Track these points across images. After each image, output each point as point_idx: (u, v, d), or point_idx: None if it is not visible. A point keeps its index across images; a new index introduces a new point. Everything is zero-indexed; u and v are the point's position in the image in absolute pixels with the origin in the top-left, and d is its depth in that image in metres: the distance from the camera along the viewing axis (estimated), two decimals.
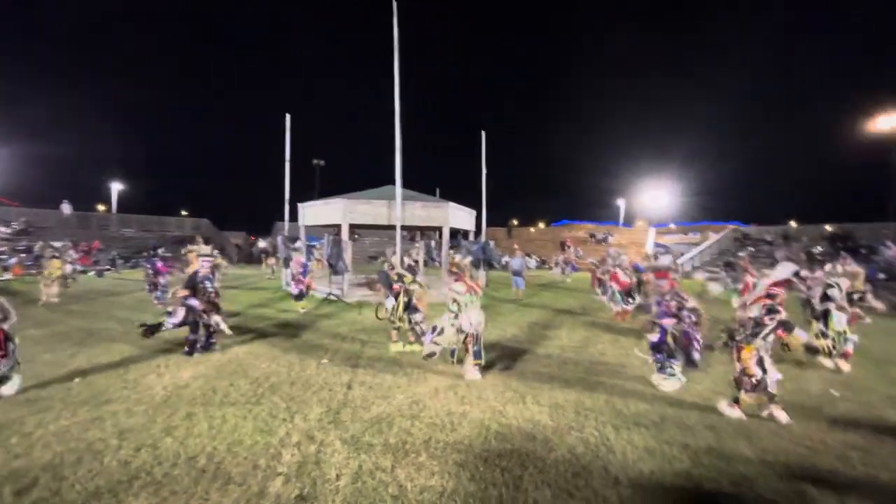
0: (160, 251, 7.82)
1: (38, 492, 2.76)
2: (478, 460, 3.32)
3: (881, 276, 13.54)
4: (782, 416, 4.21)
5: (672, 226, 35.73)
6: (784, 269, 4.53)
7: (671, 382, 5.05)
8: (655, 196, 40.10)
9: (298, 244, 10.66)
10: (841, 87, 50.78)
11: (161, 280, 10.36)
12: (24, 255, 18.44)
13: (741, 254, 14.72)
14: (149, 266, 10.76)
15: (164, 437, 3.55)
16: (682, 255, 25.69)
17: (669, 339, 5.11)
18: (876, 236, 20.06)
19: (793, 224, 27.42)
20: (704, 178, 45.05)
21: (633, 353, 6.00)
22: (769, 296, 4.40)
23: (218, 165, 72.14)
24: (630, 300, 9.50)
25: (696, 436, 3.82)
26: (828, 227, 22.83)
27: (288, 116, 14.99)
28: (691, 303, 5.20)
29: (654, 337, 5.22)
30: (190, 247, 8.96)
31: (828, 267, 7.42)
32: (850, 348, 6.04)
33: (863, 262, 15.82)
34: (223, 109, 75.25)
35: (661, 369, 5.13)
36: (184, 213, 38.26)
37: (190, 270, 6.91)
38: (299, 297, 10.03)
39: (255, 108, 70.66)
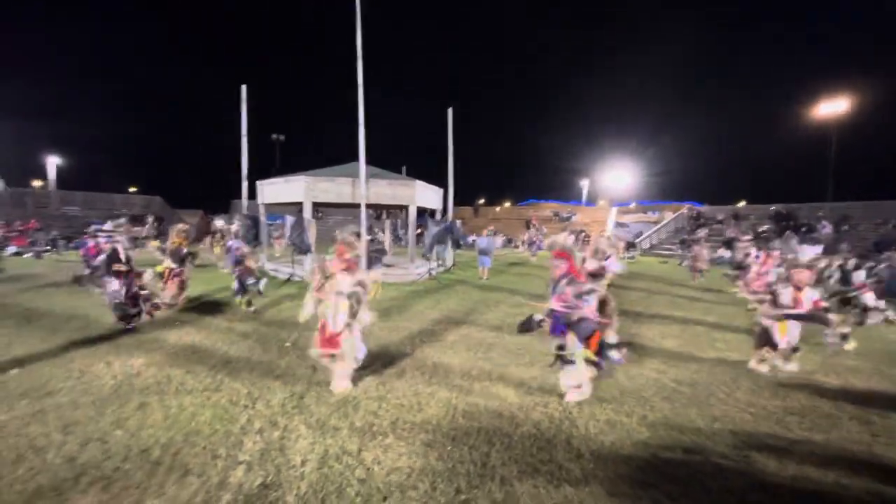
0: (149, 220, 7.44)
1: None
2: (445, 439, 3.34)
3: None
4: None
5: (633, 205, 36.88)
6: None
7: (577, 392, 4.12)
8: (618, 176, 41.20)
9: (234, 224, 9.00)
10: (791, 73, 53.39)
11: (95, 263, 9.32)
12: None
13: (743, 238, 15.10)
14: (81, 247, 9.90)
15: (113, 429, 3.36)
16: (642, 233, 26.69)
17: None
18: (813, 216, 21.53)
19: (743, 204, 28.94)
20: (665, 159, 46.69)
21: None
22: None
23: (172, 140, 67.77)
24: None
25: (654, 408, 4.01)
26: (773, 207, 24.24)
27: (244, 88, 14.15)
28: (593, 287, 4.20)
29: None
30: (178, 226, 8.27)
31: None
32: None
33: (803, 239, 16.95)
34: (178, 82, 70.28)
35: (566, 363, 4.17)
36: (133, 189, 35.95)
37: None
38: (243, 290, 7.62)
39: (213, 81, 66.51)
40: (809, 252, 5.46)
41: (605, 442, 3.37)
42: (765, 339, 4.99)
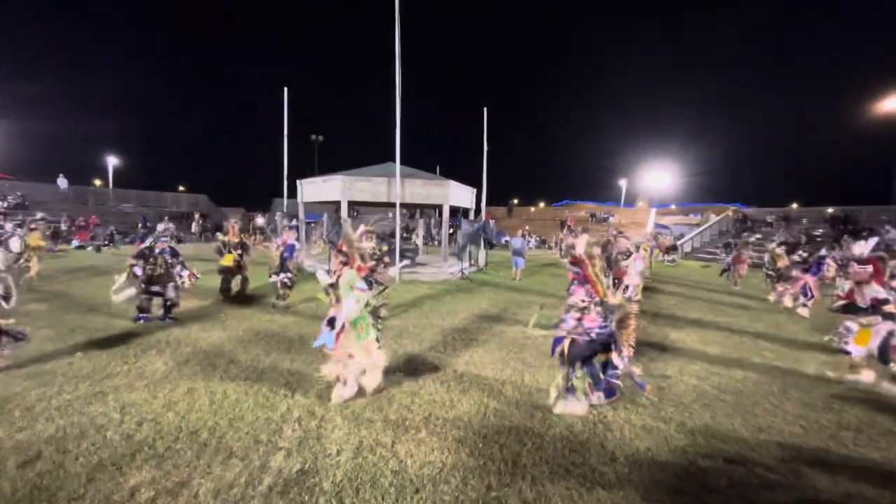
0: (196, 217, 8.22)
1: (42, 464, 2.79)
2: (477, 437, 3.36)
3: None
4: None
5: (673, 206, 35.57)
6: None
7: (572, 405, 3.82)
8: (658, 177, 39.82)
9: (295, 221, 10.00)
10: (851, 64, 49.66)
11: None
12: (20, 229, 18.34)
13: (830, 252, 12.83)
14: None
15: (165, 411, 3.58)
16: (683, 235, 25.69)
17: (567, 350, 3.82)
18: (875, 220, 20.00)
19: (794, 206, 27.32)
20: (707, 159, 44.75)
21: None
22: None
23: (217, 141, 71.38)
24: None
25: (693, 415, 3.87)
26: (829, 210, 22.74)
27: (286, 90, 14.69)
28: (610, 299, 3.80)
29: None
30: (232, 221, 9.31)
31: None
32: None
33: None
34: (222, 84, 73.94)
35: (569, 390, 3.85)
36: (181, 188, 37.94)
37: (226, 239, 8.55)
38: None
39: (255, 83, 69.51)
40: (861, 246, 5.02)
41: (641, 447, 3.28)
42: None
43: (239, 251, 8.48)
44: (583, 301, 3.81)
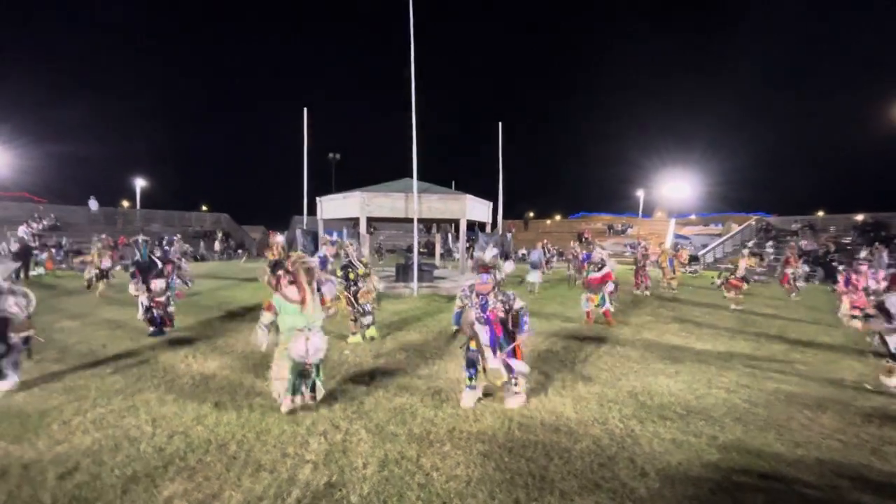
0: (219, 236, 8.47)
1: (79, 476, 2.87)
2: (502, 451, 3.32)
3: None
4: None
5: (693, 217, 34.96)
6: None
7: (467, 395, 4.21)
8: (676, 186, 39.26)
9: (335, 237, 9.88)
10: (883, 64, 48.21)
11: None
12: (54, 249, 19.09)
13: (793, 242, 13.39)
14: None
15: (195, 425, 3.65)
16: (704, 246, 25.19)
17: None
18: None
19: (820, 214, 26.55)
20: (728, 167, 43.99)
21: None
22: None
23: (237, 160, 73.76)
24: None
25: (725, 429, 3.76)
26: (859, 217, 22.02)
27: (305, 110, 15.10)
28: (518, 303, 4.18)
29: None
30: (271, 240, 9.50)
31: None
32: None
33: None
34: (241, 106, 76.66)
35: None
36: (204, 207, 39.04)
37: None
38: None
39: (272, 104, 71.90)
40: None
41: (672, 462, 3.20)
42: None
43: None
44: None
